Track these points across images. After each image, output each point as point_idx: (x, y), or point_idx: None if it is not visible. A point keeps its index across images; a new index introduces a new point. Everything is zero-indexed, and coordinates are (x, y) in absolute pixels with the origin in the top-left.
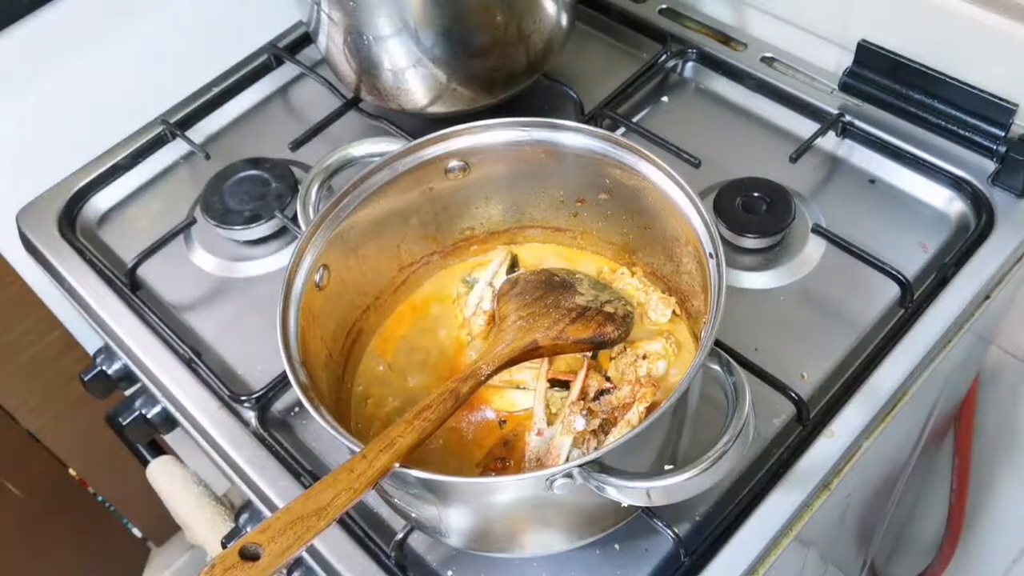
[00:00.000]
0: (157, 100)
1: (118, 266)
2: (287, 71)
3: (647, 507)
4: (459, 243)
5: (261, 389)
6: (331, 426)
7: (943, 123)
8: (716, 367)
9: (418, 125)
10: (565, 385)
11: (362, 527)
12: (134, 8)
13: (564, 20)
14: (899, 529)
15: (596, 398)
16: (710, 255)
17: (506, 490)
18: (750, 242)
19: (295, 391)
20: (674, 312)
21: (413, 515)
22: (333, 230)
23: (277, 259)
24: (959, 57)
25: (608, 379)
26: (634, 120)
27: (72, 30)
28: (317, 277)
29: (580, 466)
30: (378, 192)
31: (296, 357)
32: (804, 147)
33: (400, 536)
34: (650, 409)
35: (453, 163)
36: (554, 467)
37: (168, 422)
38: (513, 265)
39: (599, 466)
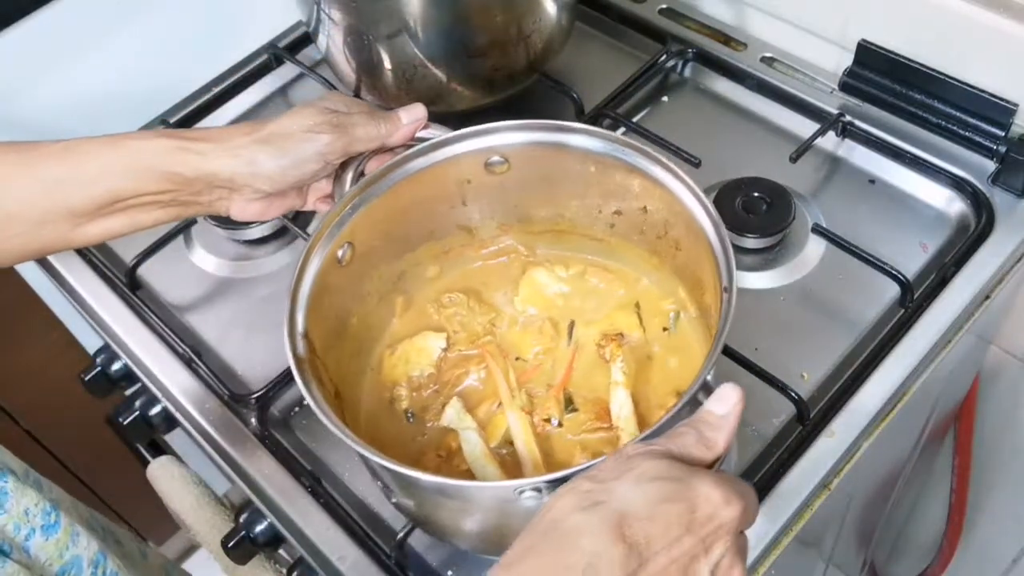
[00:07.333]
0: (157, 100)
1: (118, 266)
2: (287, 71)
3: None
4: (494, 238)
5: (261, 389)
6: (313, 398)
7: (943, 123)
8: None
9: None
10: None
11: (363, 527)
12: (133, 8)
13: (564, 20)
14: (899, 529)
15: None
16: (724, 289)
17: (474, 495)
18: (750, 242)
19: (292, 371)
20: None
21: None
22: (362, 209)
23: (277, 259)
24: (959, 57)
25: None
26: (634, 120)
27: (71, 31)
28: (340, 253)
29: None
30: (412, 179)
31: (299, 329)
32: (804, 147)
33: (400, 536)
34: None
35: (495, 158)
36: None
37: (168, 422)
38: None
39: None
